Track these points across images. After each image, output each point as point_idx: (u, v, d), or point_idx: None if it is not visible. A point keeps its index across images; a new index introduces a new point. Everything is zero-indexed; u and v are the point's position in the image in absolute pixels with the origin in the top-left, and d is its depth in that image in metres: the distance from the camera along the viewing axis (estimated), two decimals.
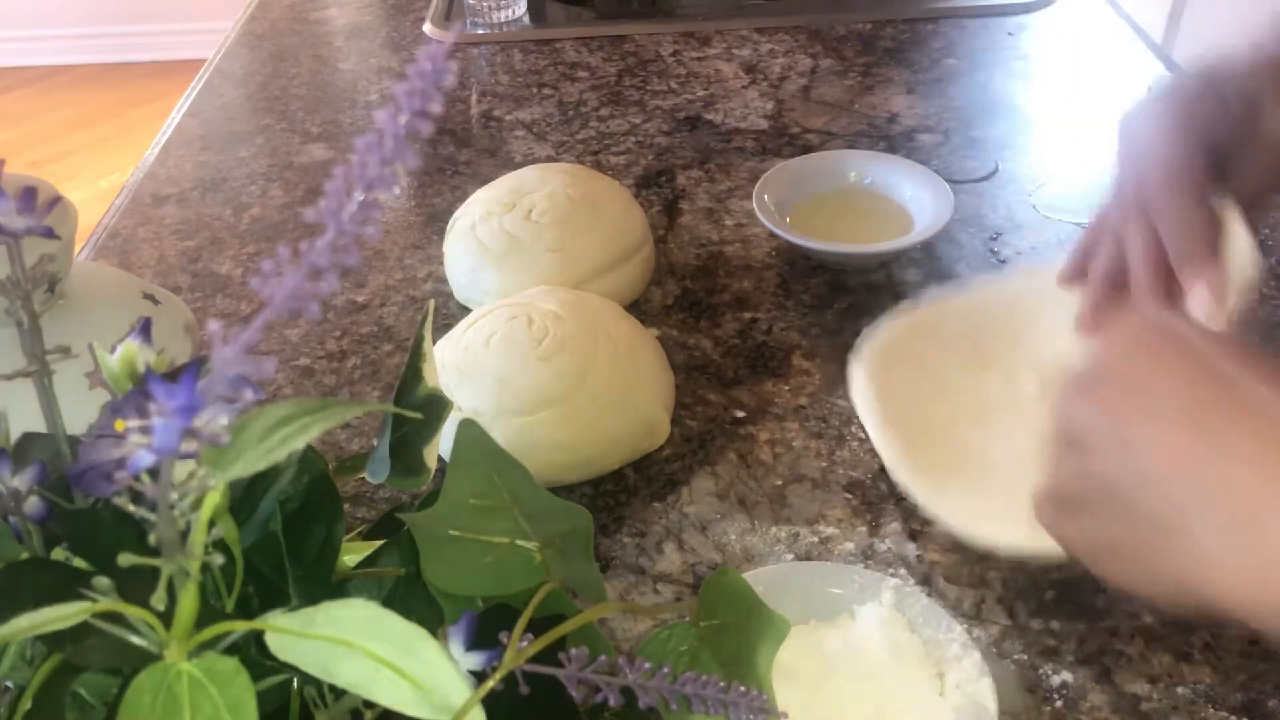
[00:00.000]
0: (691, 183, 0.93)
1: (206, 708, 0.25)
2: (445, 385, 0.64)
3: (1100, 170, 0.92)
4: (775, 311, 0.78)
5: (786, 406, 0.69)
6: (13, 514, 0.32)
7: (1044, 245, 0.83)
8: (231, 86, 1.18)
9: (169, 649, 0.27)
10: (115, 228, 0.93)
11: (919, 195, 0.82)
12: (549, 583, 0.35)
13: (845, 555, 0.59)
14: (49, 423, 0.35)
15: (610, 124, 1.04)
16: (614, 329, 0.66)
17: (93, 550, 0.32)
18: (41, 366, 0.34)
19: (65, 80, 3.41)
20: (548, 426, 0.62)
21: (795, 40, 1.18)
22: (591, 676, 0.30)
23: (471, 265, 0.76)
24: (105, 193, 2.73)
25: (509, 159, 0.99)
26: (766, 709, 0.31)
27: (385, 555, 0.39)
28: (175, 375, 0.24)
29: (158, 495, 0.25)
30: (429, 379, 0.41)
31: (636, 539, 0.60)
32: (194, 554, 0.27)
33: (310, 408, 0.27)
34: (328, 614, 0.27)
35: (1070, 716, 0.50)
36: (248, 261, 0.87)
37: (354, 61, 1.21)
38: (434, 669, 0.26)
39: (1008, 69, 1.09)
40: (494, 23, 1.25)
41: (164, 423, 0.23)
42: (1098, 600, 0.56)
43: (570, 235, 0.75)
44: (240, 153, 1.03)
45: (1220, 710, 0.50)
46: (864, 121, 1.01)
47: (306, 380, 0.74)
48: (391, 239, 0.88)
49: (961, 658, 0.50)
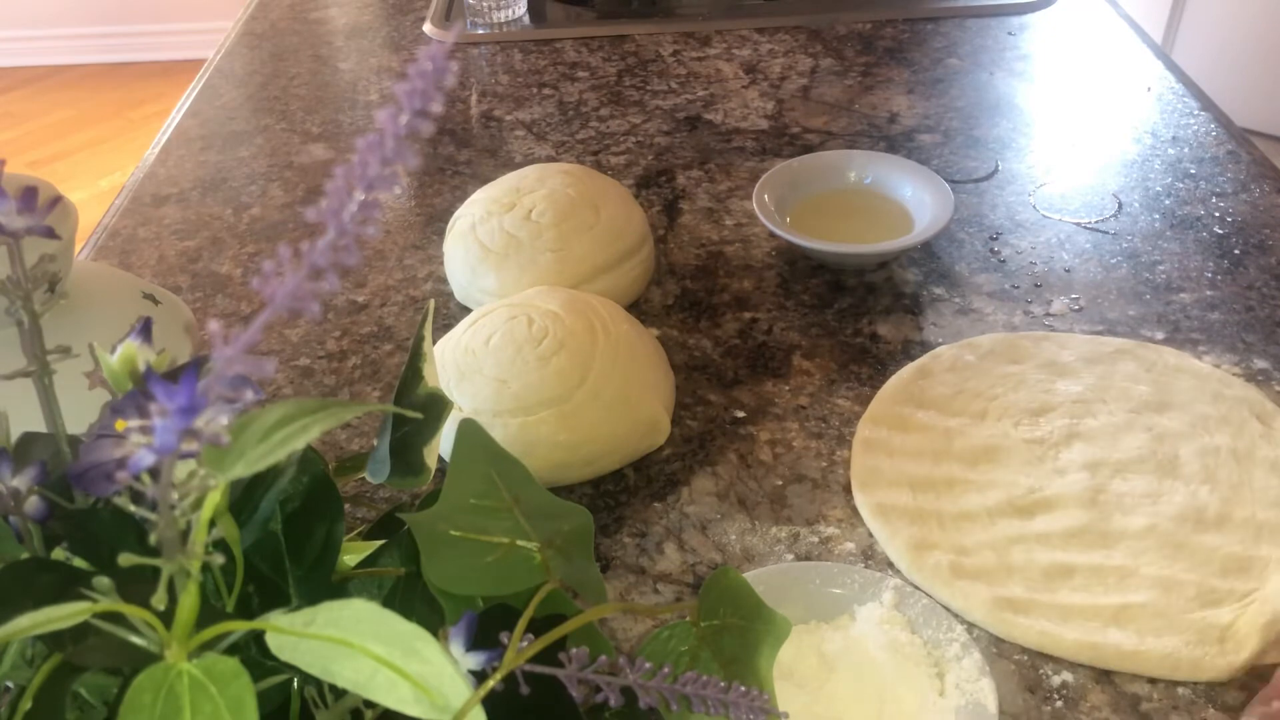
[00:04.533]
0: (691, 183, 0.93)
1: (207, 708, 0.25)
2: (445, 385, 0.64)
3: (1100, 170, 0.92)
4: (775, 311, 0.78)
5: (786, 406, 0.69)
6: (13, 514, 0.32)
7: (1044, 245, 0.83)
8: (232, 86, 1.18)
9: (169, 649, 0.27)
10: (115, 228, 0.93)
11: (919, 195, 0.82)
12: (549, 583, 0.35)
13: (845, 555, 0.59)
14: (49, 422, 0.35)
15: (610, 124, 1.04)
16: (614, 329, 0.66)
17: (93, 550, 0.32)
18: (42, 366, 0.34)
19: (65, 80, 3.40)
20: (548, 426, 0.62)
21: (795, 40, 1.18)
22: (592, 677, 0.30)
23: (472, 265, 0.76)
24: (105, 193, 2.73)
25: (509, 159, 0.99)
26: (767, 709, 0.31)
27: (385, 555, 0.39)
28: (175, 375, 0.24)
29: (158, 495, 0.25)
30: (429, 379, 0.41)
31: (637, 539, 0.60)
32: (194, 554, 0.27)
33: (310, 408, 0.27)
34: (328, 614, 0.27)
35: (1070, 717, 0.50)
36: (248, 261, 0.87)
37: (354, 61, 1.21)
38: (434, 669, 0.26)
39: (1008, 69, 1.09)
40: (494, 23, 1.25)
41: (164, 423, 0.23)
42: None
43: (570, 235, 0.75)
44: (240, 153, 1.03)
45: (1220, 710, 0.50)
46: (864, 121, 1.01)
47: (307, 380, 0.74)
48: (392, 239, 0.88)
49: (961, 658, 0.50)
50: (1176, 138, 0.95)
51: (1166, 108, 1.00)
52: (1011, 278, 0.79)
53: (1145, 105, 1.01)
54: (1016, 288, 0.78)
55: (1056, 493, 0.60)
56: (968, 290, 0.78)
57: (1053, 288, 0.78)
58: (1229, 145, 0.94)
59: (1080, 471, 0.61)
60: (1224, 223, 0.84)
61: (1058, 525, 0.58)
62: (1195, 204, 0.86)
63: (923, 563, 0.56)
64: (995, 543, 0.57)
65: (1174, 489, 0.60)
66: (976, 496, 0.60)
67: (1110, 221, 0.85)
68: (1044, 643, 0.53)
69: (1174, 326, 0.74)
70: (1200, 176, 0.90)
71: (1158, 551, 0.56)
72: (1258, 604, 0.53)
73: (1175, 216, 0.85)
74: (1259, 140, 1.14)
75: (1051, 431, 0.64)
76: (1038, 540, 0.57)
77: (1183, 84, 1.04)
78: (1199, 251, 0.81)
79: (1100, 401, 0.66)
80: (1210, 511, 0.58)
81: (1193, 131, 0.96)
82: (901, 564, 0.57)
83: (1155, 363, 0.69)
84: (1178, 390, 0.67)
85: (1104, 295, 0.77)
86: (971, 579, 0.55)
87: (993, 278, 0.79)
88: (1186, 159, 0.92)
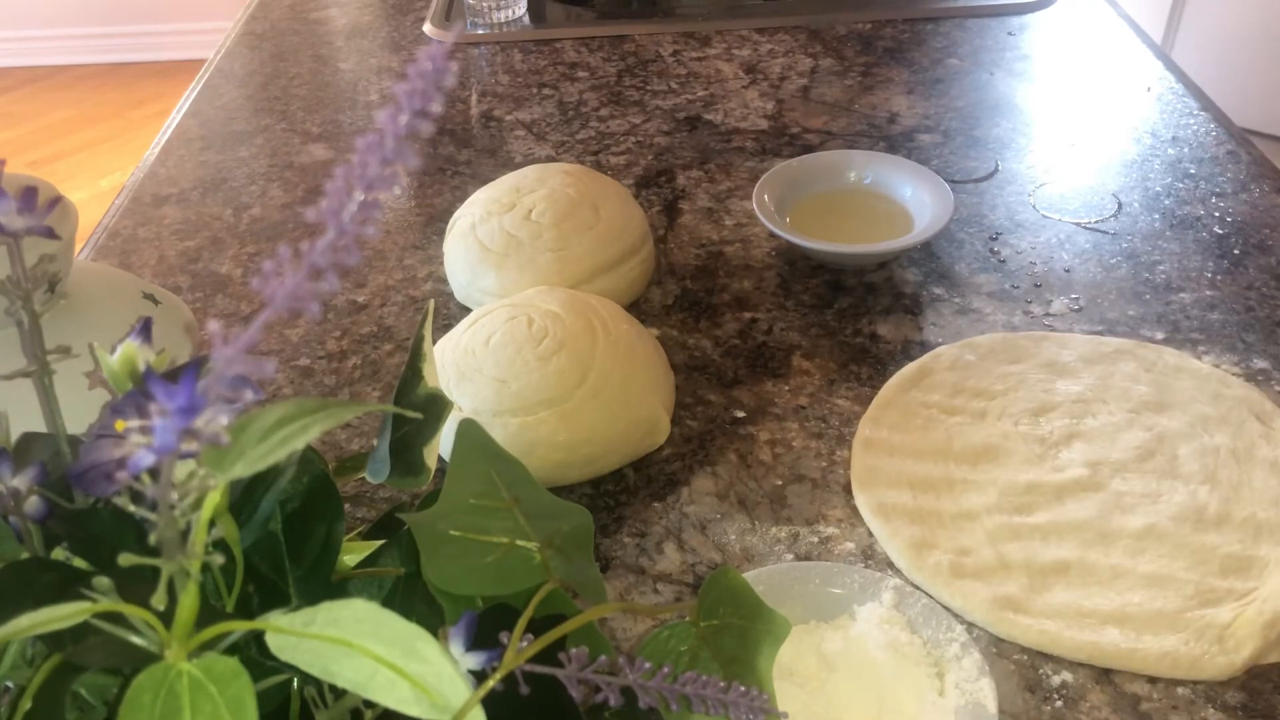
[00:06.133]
0: (691, 183, 0.93)
1: (207, 708, 0.25)
2: (445, 385, 0.64)
3: (1100, 170, 0.92)
4: (775, 311, 0.78)
5: (786, 406, 0.69)
6: (13, 514, 0.32)
7: (1044, 245, 0.83)
8: (232, 86, 1.18)
9: (169, 649, 0.27)
10: (115, 228, 0.93)
11: (919, 195, 0.82)
12: (549, 582, 0.35)
13: (845, 555, 0.59)
14: (49, 422, 0.35)
15: (610, 124, 1.04)
16: (614, 329, 0.66)
17: (93, 550, 0.32)
18: (42, 366, 0.34)
19: (65, 80, 3.41)
20: (547, 426, 0.62)
21: (795, 40, 1.18)
22: (592, 676, 0.30)
23: (471, 265, 0.76)
24: (105, 193, 2.73)
25: (509, 159, 0.99)
26: (767, 709, 0.31)
27: (385, 555, 0.39)
28: (175, 375, 0.24)
29: (158, 495, 0.25)
30: (429, 379, 0.41)
31: (636, 539, 0.60)
32: (194, 554, 0.27)
33: (310, 408, 0.27)
34: (328, 614, 0.27)
35: (1070, 716, 0.50)
36: (248, 261, 0.87)
37: (354, 61, 1.21)
38: (434, 669, 0.26)
39: (1008, 69, 1.09)
40: (494, 23, 1.25)
41: (164, 423, 0.23)
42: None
43: (570, 235, 0.75)
44: (240, 153, 1.03)
45: (1220, 710, 0.50)
46: (864, 121, 1.01)
47: (306, 380, 0.74)
48: (392, 239, 0.88)
49: (961, 658, 0.50)
50: (1176, 138, 0.95)
51: (1166, 108, 1.00)
52: (1011, 278, 0.79)
53: (1145, 105, 1.01)
54: (1016, 288, 0.78)
55: (1056, 492, 0.60)
56: (967, 290, 0.78)
57: (1052, 288, 0.78)
58: (1229, 145, 0.94)
59: (1080, 471, 0.61)
60: (1224, 223, 0.84)
61: (1058, 525, 0.58)
62: (1195, 204, 0.86)
63: (923, 562, 0.56)
64: (995, 542, 0.57)
65: (1174, 489, 0.60)
66: (976, 496, 0.60)
67: (1110, 221, 0.85)
68: (1043, 642, 0.53)
69: (1174, 326, 0.74)
70: (1200, 176, 0.90)
71: (1157, 551, 0.56)
72: (1257, 603, 0.53)
73: (1175, 216, 0.85)
74: (1259, 140, 1.14)
75: (1051, 431, 0.64)
76: (1038, 540, 0.57)
77: (1182, 84, 1.04)
78: (1199, 251, 0.81)
79: (1100, 401, 0.66)
80: (1210, 511, 0.59)
81: (1192, 131, 0.96)
82: (901, 564, 0.57)
83: (1155, 363, 0.69)
84: (1177, 390, 0.67)
85: (1104, 295, 0.77)
86: (971, 579, 0.55)
87: (992, 278, 0.79)
88: (1186, 159, 0.92)
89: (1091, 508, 0.59)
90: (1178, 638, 0.52)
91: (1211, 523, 0.58)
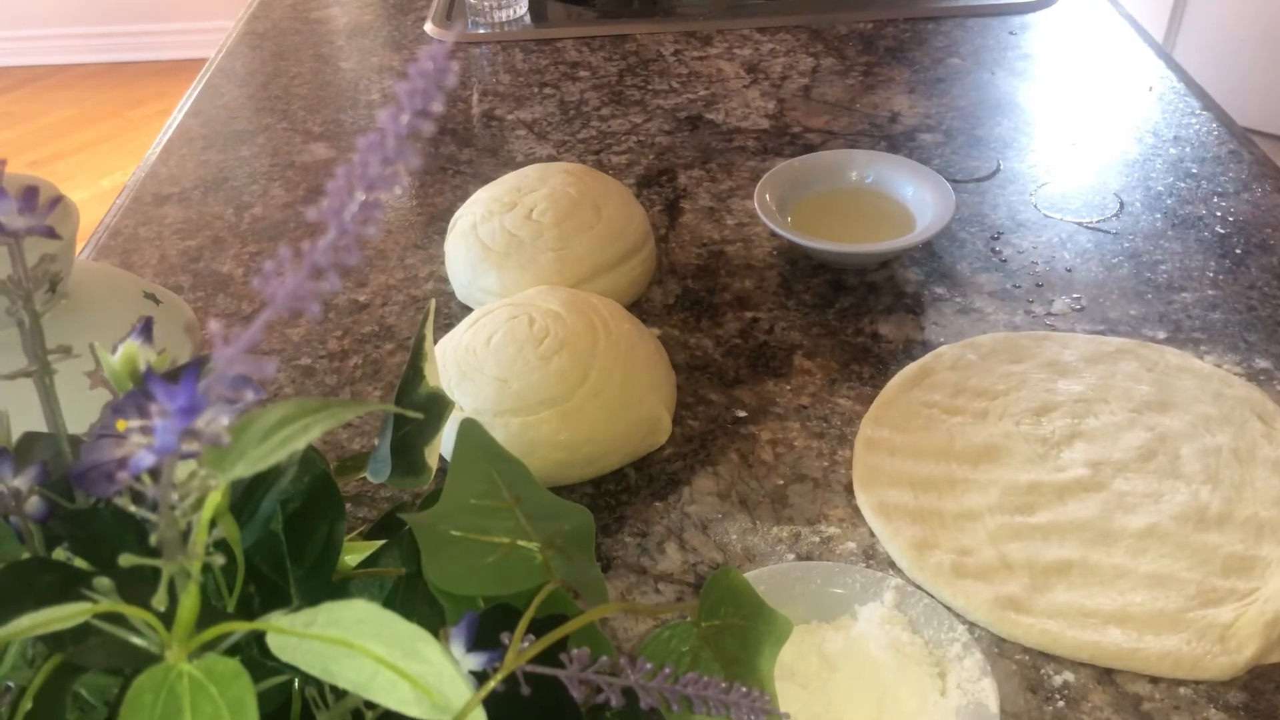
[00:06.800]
0: (693, 182, 0.93)
1: (207, 708, 0.25)
2: (446, 385, 0.64)
3: (1101, 169, 0.92)
4: (776, 311, 0.78)
5: (788, 406, 0.69)
6: (14, 514, 0.32)
7: (1045, 245, 0.83)
8: (233, 86, 1.17)
9: (170, 650, 0.27)
10: (117, 227, 0.93)
11: (920, 195, 0.82)
12: (550, 583, 0.35)
13: (847, 555, 0.59)
14: (50, 422, 0.35)
15: (611, 123, 1.04)
16: (615, 328, 0.66)
17: (94, 550, 0.32)
18: (43, 366, 0.34)
19: (65, 80, 3.41)
20: (548, 426, 0.61)
21: (796, 39, 1.18)
22: (593, 677, 0.30)
23: (473, 264, 0.76)
24: (106, 192, 2.73)
25: (510, 158, 0.99)
26: (768, 709, 0.31)
27: (386, 555, 0.39)
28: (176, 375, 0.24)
29: (159, 495, 0.25)
30: (430, 378, 0.41)
31: (638, 539, 0.60)
32: (195, 554, 0.27)
33: (311, 407, 0.27)
34: (329, 614, 0.27)
35: (1072, 717, 0.50)
36: (249, 261, 0.87)
37: (355, 61, 1.21)
38: (435, 669, 0.26)
39: (1009, 68, 1.09)
40: (495, 22, 1.25)
41: (165, 423, 0.23)
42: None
43: (571, 235, 0.75)
44: (242, 152, 1.03)
45: (1222, 710, 0.50)
46: (865, 121, 1.01)
47: (308, 380, 0.74)
48: (393, 238, 0.88)
49: (963, 658, 0.50)
50: (1178, 137, 0.95)
51: (1168, 107, 1.00)
52: (1013, 277, 0.79)
53: (1147, 105, 1.01)
54: (1018, 287, 0.78)
55: (1058, 492, 0.60)
56: (969, 290, 0.78)
57: (1054, 287, 0.78)
58: (1231, 145, 0.93)
59: (1082, 471, 0.61)
60: (1226, 222, 0.84)
61: (1059, 525, 0.58)
62: (1197, 203, 0.86)
63: (924, 562, 0.56)
64: (997, 542, 0.57)
65: (1175, 488, 0.60)
66: (978, 496, 0.60)
67: (1112, 221, 0.85)
68: (1045, 642, 0.53)
69: (1175, 326, 0.74)
70: (1202, 176, 0.90)
71: (1159, 551, 0.56)
72: (1259, 603, 0.53)
73: (1177, 216, 0.85)
74: (1261, 140, 1.14)
75: (1053, 431, 0.64)
76: (1039, 540, 0.57)
77: (1184, 83, 1.04)
78: (1200, 251, 0.81)
79: (1102, 401, 0.66)
80: (1212, 511, 0.58)
81: (1194, 131, 0.96)
82: (903, 563, 0.57)
83: (1157, 362, 0.69)
84: (1179, 390, 0.67)
85: (1105, 295, 0.77)
86: (973, 578, 0.55)
87: (994, 277, 0.79)
88: (1188, 158, 0.92)
89: (1093, 507, 0.59)
90: (1179, 638, 0.52)
91: (1213, 523, 0.58)
